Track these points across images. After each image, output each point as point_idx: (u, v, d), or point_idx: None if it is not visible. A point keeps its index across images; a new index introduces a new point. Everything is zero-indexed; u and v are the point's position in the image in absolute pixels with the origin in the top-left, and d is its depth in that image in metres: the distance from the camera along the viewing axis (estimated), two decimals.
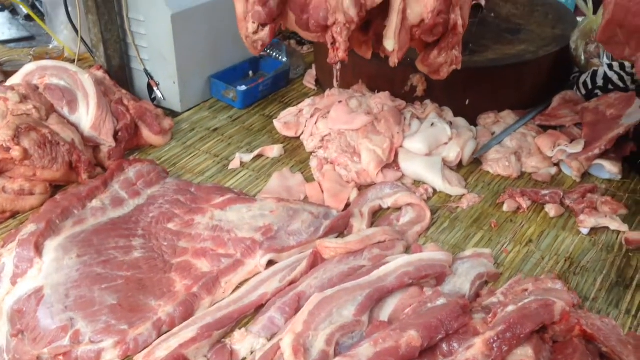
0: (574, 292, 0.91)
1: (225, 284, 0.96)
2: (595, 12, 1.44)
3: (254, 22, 0.92)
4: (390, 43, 0.95)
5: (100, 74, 1.35)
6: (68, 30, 1.55)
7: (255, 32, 0.93)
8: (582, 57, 1.39)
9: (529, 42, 1.47)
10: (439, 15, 0.93)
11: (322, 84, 1.62)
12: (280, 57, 1.64)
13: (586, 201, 1.13)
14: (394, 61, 0.97)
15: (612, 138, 1.20)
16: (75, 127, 1.20)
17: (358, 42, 1.07)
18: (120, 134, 1.25)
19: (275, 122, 1.42)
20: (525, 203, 1.15)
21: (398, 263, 0.93)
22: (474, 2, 1.59)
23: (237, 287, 0.97)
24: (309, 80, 1.65)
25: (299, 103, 1.48)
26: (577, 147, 1.23)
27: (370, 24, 1.02)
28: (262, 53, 1.53)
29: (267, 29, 0.93)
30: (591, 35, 1.39)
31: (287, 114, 1.45)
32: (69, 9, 1.45)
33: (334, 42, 0.90)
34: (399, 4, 0.93)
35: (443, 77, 1.06)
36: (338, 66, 1.22)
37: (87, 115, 1.22)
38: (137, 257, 0.98)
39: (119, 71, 1.42)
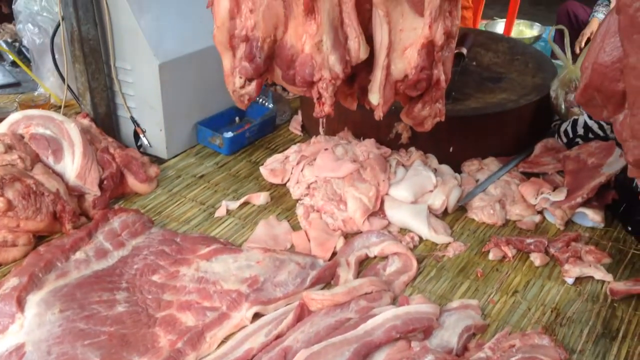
0: (561, 346, 0.91)
1: (210, 339, 0.95)
2: (574, 61, 1.48)
3: (241, 77, 0.93)
4: (375, 97, 0.97)
5: (86, 122, 1.36)
6: (54, 77, 1.56)
7: (242, 87, 0.94)
8: (563, 106, 1.42)
9: (510, 90, 1.51)
10: (422, 71, 0.95)
11: (308, 130, 1.63)
12: (266, 103, 1.66)
13: (570, 250, 1.14)
14: (379, 115, 0.99)
15: (594, 187, 1.22)
16: (60, 176, 1.20)
17: (343, 94, 1.09)
18: (105, 182, 1.25)
19: (262, 169, 1.43)
20: (510, 252, 1.16)
21: (385, 316, 0.93)
22: (456, 51, 1.63)
23: (223, 342, 0.96)
24: (295, 126, 1.66)
25: (285, 149, 1.49)
26: (560, 196, 1.25)
27: (355, 77, 1.04)
28: (259, 93, 1.54)
29: (253, 84, 0.95)
30: (570, 84, 1.42)
31: (274, 160, 1.45)
32: (56, 56, 1.46)
33: (320, 97, 0.91)
34: (383, 60, 0.95)
35: (427, 129, 1.08)
36: None
37: (72, 164, 1.22)
38: (120, 311, 0.96)
39: (105, 119, 1.42)
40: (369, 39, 0.98)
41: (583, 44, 3.46)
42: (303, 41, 0.89)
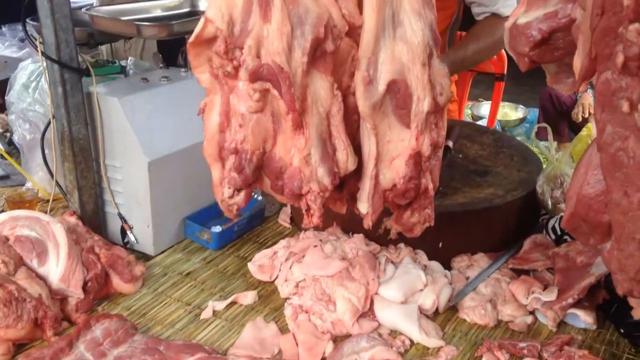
0: None
1: None
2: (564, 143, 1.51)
3: (229, 188, 0.93)
4: (364, 206, 0.97)
5: (73, 220, 1.35)
6: (43, 171, 1.56)
7: (231, 197, 0.94)
8: (549, 202, 1.44)
9: (497, 185, 1.52)
10: (410, 181, 0.96)
11: (297, 222, 1.63)
12: (255, 196, 1.66)
13: (564, 355, 1.12)
14: (367, 223, 0.99)
15: (585, 287, 1.21)
16: (43, 279, 1.17)
17: (333, 199, 1.09)
18: (89, 284, 1.22)
19: (250, 265, 1.41)
20: (503, 357, 1.13)
21: None
22: None
23: None
24: (284, 218, 1.66)
25: (274, 243, 1.48)
26: (551, 295, 1.24)
27: (345, 183, 1.04)
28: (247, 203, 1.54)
29: (242, 194, 0.95)
30: (556, 180, 1.44)
31: (262, 256, 1.44)
32: (46, 151, 1.47)
33: (308, 209, 0.91)
34: (371, 169, 0.96)
35: (417, 235, 1.08)
36: None
37: (56, 266, 1.20)
38: None
39: (92, 216, 1.41)
40: (357, 148, 0.99)
41: (580, 117, 3.52)
42: (291, 154, 0.90)
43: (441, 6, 2.07)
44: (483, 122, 3.36)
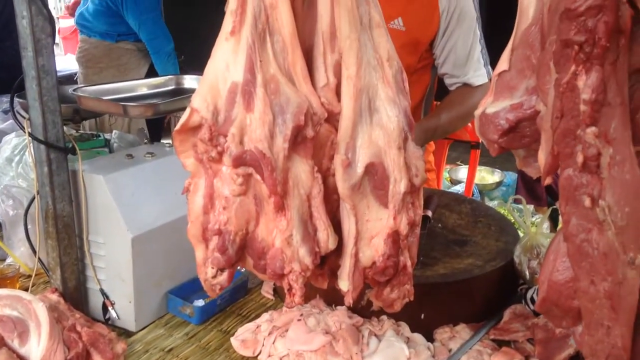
0: None
1: None
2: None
3: (213, 268, 0.95)
4: (344, 284, 0.99)
5: (54, 297, 1.34)
6: (25, 246, 1.56)
7: (214, 277, 0.96)
8: (527, 272, 1.47)
9: (476, 255, 1.55)
10: (389, 259, 0.98)
11: (280, 294, 1.63)
12: (238, 268, 1.67)
13: None
14: (348, 301, 1.00)
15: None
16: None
17: (314, 275, 1.10)
18: None
19: (233, 340, 1.41)
20: None
21: None
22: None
23: None
24: (267, 289, 1.66)
25: (257, 315, 1.48)
26: None
27: (326, 259, 1.07)
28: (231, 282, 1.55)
29: (225, 273, 0.96)
30: (533, 251, 1.48)
31: (245, 330, 1.44)
32: (28, 226, 1.47)
33: (290, 289, 0.93)
34: (351, 248, 0.98)
35: (397, 310, 1.10)
36: None
37: (37, 346, 1.18)
38: None
39: (74, 292, 1.41)
40: (337, 226, 1.02)
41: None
42: (274, 236, 0.92)
43: (416, 80, 2.17)
44: (461, 186, 3.43)
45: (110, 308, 1.43)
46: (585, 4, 0.55)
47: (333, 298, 1.47)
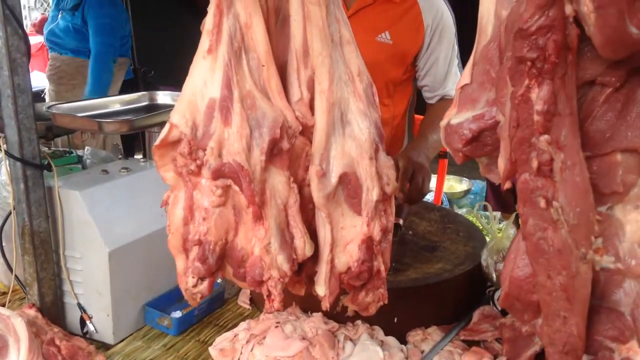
0: None
1: None
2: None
3: (193, 277, 0.98)
4: (321, 289, 1.04)
5: (32, 312, 1.35)
6: (1, 263, 1.56)
7: (195, 286, 0.99)
8: (494, 275, 1.53)
9: (445, 259, 1.61)
10: (364, 264, 1.03)
11: (257, 303, 1.66)
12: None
13: None
14: (325, 305, 1.04)
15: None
16: None
17: (292, 282, 1.14)
18: None
19: (211, 350, 1.43)
20: None
21: None
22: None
23: None
24: (244, 299, 1.69)
25: (234, 325, 1.51)
26: None
27: (303, 267, 1.11)
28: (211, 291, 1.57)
29: (206, 282, 1.00)
30: (499, 254, 1.54)
31: (223, 339, 1.46)
32: (3, 244, 1.47)
33: (269, 295, 0.97)
34: (327, 254, 1.03)
35: (372, 314, 1.14)
36: None
37: None
38: None
39: (51, 307, 1.42)
40: (313, 234, 1.06)
41: None
42: (252, 244, 0.96)
43: (401, 91, 2.22)
44: (431, 195, 3.51)
45: (88, 322, 1.44)
46: (536, 24, 0.61)
47: (309, 305, 1.50)
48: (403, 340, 1.46)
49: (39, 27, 4.87)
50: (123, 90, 3.41)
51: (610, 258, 0.67)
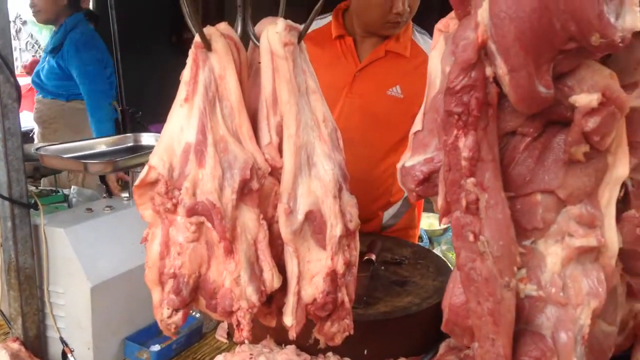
0: None
1: None
2: None
3: (168, 309, 1.05)
4: (288, 320, 1.11)
5: (16, 345, 1.40)
6: None
7: (170, 317, 1.06)
8: None
9: (414, 294, 1.69)
10: (328, 295, 1.11)
11: (234, 337, 1.72)
12: (193, 313, 1.75)
13: None
14: (292, 335, 1.12)
15: None
16: None
17: (262, 314, 1.22)
18: None
19: None
20: None
21: None
22: (366, 257, 1.84)
23: None
24: (221, 333, 1.75)
25: (211, 358, 1.56)
26: None
27: (272, 299, 1.18)
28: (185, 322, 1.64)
29: (180, 313, 1.07)
30: None
31: None
32: None
33: (238, 324, 1.04)
34: (294, 286, 1.11)
35: (337, 343, 1.21)
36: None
37: None
38: None
39: (35, 341, 1.47)
40: (282, 268, 1.14)
41: None
42: (223, 277, 1.04)
43: None
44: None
45: (69, 355, 1.49)
46: (460, 83, 0.71)
47: (283, 338, 1.57)
48: None
49: (29, 69, 4.99)
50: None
51: (533, 286, 0.76)
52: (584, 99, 0.70)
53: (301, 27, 1.10)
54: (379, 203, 2.20)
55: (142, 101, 3.86)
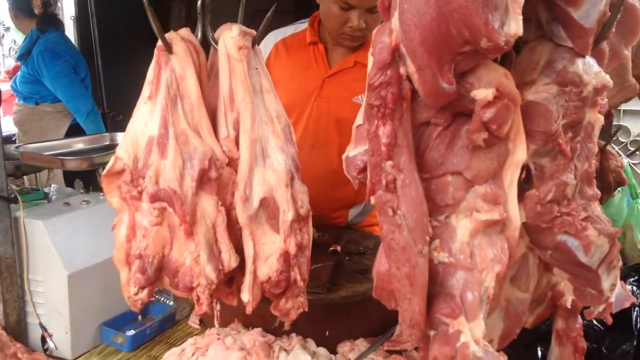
0: None
1: None
2: None
3: (135, 286, 1.16)
4: (245, 296, 1.22)
5: None
6: None
7: (136, 294, 1.17)
8: None
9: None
10: (282, 274, 1.22)
11: (206, 323, 1.83)
12: (167, 301, 1.86)
13: None
14: (249, 309, 1.23)
15: None
16: None
17: (224, 293, 1.33)
18: None
19: None
20: None
21: None
22: (331, 248, 1.96)
23: None
24: (194, 320, 1.86)
25: (183, 342, 1.67)
26: None
27: (233, 279, 1.30)
28: (150, 298, 1.75)
29: (146, 291, 1.18)
30: None
31: (171, 354, 1.62)
32: None
33: (198, 299, 1.15)
34: (250, 267, 1.22)
35: (292, 319, 1.33)
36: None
37: None
38: None
39: (15, 326, 1.57)
40: (242, 249, 1.26)
41: None
42: (184, 257, 1.15)
43: None
44: None
45: (48, 339, 1.59)
46: (378, 80, 0.83)
47: (250, 321, 1.68)
48: (334, 352, 1.64)
49: (11, 74, 5.07)
50: (70, 134, 3.54)
51: (445, 254, 0.87)
52: (482, 93, 0.82)
53: (255, 32, 1.22)
54: (344, 201, 2.32)
55: (123, 104, 3.95)
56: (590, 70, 0.91)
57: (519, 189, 0.93)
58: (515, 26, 0.78)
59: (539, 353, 1.48)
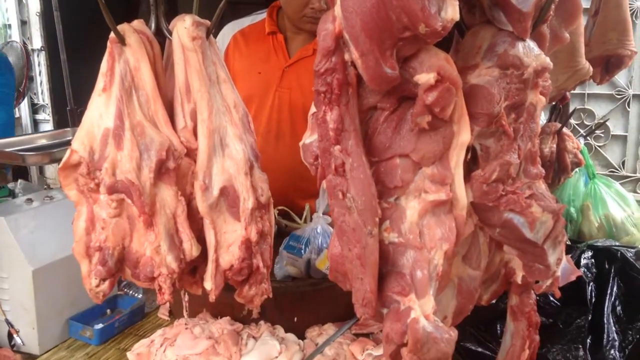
0: None
1: None
2: None
3: (96, 278, 1.17)
4: (208, 284, 1.24)
5: None
6: None
7: (98, 286, 1.18)
8: None
9: None
10: (244, 261, 1.24)
11: (175, 315, 1.84)
12: (136, 295, 1.87)
13: None
14: (212, 297, 1.24)
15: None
16: None
17: (189, 283, 1.34)
18: None
19: (129, 354, 1.60)
20: None
21: None
22: None
23: None
24: (163, 312, 1.87)
25: (152, 334, 1.68)
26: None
27: (197, 269, 1.31)
28: (119, 292, 1.76)
29: (107, 282, 1.18)
30: None
31: (140, 345, 1.63)
32: None
33: (160, 289, 1.17)
34: (212, 255, 1.23)
35: (257, 306, 1.34)
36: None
37: None
38: None
39: None
40: (204, 239, 1.27)
41: None
42: (145, 247, 1.16)
43: None
44: None
45: (15, 335, 1.59)
46: (323, 67, 0.85)
47: (219, 311, 1.70)
48: (302, 337, 1.66)
49: None
50: None
51: (395, 235, 0.90)
52: (424, 77, 0.84)
53: (209, 22, 1.23)
54: (309, 192, 2.34)
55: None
56: (530, 53, 0.94)
57: (466, 169, 0.96)
58: (451, 11, 0.80)
59: (498, 330, 1.52)
